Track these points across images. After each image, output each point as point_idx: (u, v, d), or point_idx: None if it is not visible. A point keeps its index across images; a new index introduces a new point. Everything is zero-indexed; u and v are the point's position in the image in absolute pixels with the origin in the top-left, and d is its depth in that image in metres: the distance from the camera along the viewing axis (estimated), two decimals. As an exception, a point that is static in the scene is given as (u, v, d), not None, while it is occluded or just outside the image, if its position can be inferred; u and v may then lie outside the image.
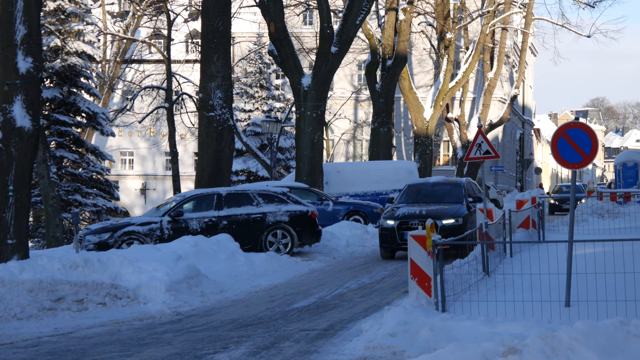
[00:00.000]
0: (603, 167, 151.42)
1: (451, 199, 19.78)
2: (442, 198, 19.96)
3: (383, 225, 19.08)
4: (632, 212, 24.64)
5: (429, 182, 21.01)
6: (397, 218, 18.89)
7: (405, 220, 18.79)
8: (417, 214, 18.86)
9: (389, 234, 18.88)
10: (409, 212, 19.01)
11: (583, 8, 45.88)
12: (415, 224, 18.43)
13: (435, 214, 18.52)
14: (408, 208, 19.31)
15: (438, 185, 20.69)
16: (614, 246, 11.58)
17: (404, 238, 18.22)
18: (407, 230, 17.94)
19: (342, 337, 11.09)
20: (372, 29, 40.34)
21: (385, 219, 19.06)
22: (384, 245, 19.23)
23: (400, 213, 19.04)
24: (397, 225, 18.78)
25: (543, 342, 7.75)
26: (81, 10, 37.91)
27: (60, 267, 14.29)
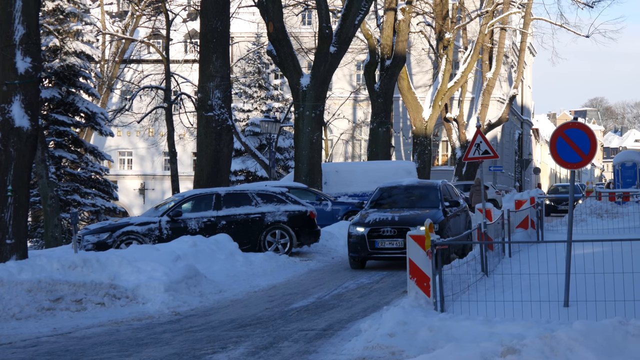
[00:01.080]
0: (602, 167, 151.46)
1: (426, 204, 18.36)
2: (416, 202, 18.55)
3: (352, 232, 17.56)
4: (631, 212, 24.65)
5: (402, 185, 19.38)
6: (367, 225, 17.45)
7: (376, 227, 17.33)
8: (389, 220, 17.44)
9: (358, 242, 17.41)
10: (380, 218, 17.57)
11: (582, 8, 45.96)
12: (387, 231, 17.17)
13: (409, 220, 17.11)
14: (379, 214, 17.85)
15: (412, 188, 19.23)
16: (613, 246, 11.58)
17: (375, 246, 17.21)
18: (379, 238, 17.16)
19: (341, 337, 11.09)
20: (371, 29, 40.33)
21: (355, 226, 17.60)
22: (353, 255, 17.74)
23: (370, 219, 17.58)
24: (367, 232, 17.31)
25: (542, 342, 7.75)
26: (80, 10, 37.90)
27: (59, 267, 14.29)
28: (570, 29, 48.20)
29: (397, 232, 16.96)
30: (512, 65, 64.65)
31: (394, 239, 17.02)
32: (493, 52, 51.56)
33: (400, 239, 16.75)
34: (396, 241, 17.00)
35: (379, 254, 17.35)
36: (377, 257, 17.54)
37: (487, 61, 51.61)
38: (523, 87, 72.02)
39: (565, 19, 61.94)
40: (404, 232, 15.24)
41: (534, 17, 52.02)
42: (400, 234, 16.68)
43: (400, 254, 16.61)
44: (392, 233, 17.04)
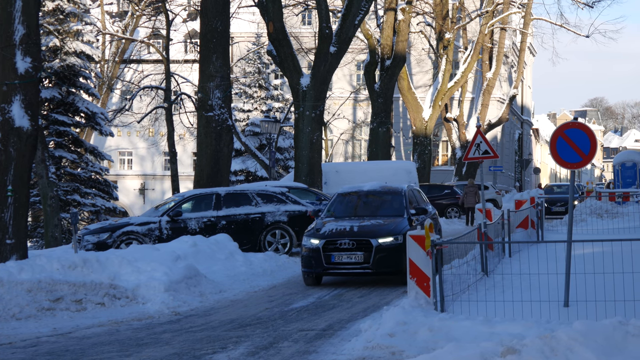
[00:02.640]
0: (602, 167, 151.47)
1: (390, 212, 16.38)
2: (378, 210, 16.54)
3: (305, 244, 15.60)
4: (631, 212, 24.66)
5: (362, 191, 17.22)
6: (322, 236, 15.41)
7: (333, 239, 15.34)
8: (347, 231, 15.41)
9: (312, 255, 15.40)
10: (337, 228, 15.54)
11: (582, 8, 45.99)
12: (345, 244, 15.18)
13: (370, 230, 15.36)
14: (336, 224, 15.79)
15: (374, 194, 17.08)
16: (613, 246, 11.58)
17: (331, 261, 15.23)
18: (335, 251, 15.23)
19: (341, 337, 11.09)
20: (371, 29, 40.33)
21: (308, 237, 15.62)
22: (306, 270, 15.69)
23: (326, 230, 15.56)
24: (322, 245, 15.31)
25: (542, 342, 7.75)
26: (80, 10, 37.89)
27: (59, 267, 14.29)
28: (570, 29, 48.25)
29: (356, 245, 15.16)
30: (512, 65, 64.65)
31: (353, 252, 15.15)
32: (493, 52, 51.56)
33: (360, 253, 15.11)
34: (355, 255, 15.14)
35: (336, 270, 15.39)
36: (334, 273, 15.61)
37: (487, 61, 51.62)
38: (523, 87, 72.02)
39: (565, 19, 62.05)
40: (364, 245, 14.95)
41: (534, 17, 52.03)
42: (360, 247, 15.13)
43: (359, 269, 15.12)
44: (351, 246, 15.16)
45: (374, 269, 14.94)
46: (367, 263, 14.87)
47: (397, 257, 14.75)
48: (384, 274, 15.15)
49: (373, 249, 14.97)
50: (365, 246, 14.94)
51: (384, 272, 15.07)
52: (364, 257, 14.93)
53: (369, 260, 14.92)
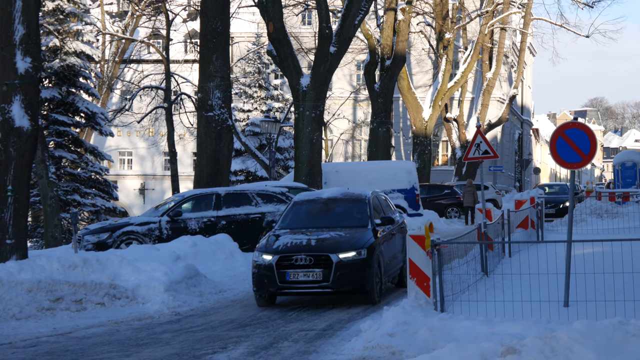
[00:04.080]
0: (602, 167, 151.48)
1: (352, 222, 14.48)
2: (339, 220, 14.63)
3: (257, 261, 13.66)
4: (631, 212, 24.65)
5: (321, 199, 15.22)
6: (276, 251, 13.49)
7: (288, 254, 13.41)
8: (304, 245, 13.53)
9: (264, 273, 13.46)
10: (292, 242, 13.68)
11: (582, 8, 46.00)
12: (302, 260, 13.30)
13: (329, 244, 13.52)
14: (292, 236, 13.93)
15: (334, 202, 15.09)
16: (613, 246, 11.58)
17: (286, 279, 13.33)
18: (291, 268, 13.33)
19: (341, 337, 11.10)
20: (371, 29, 40.34)
21: (260, 253, 13.70)
22: (258, 290, 13.69)
23: (280, 244, 13.64)
24: (276, 261, 13.38)
25: (542, 342, 7.75)
26: (80, 10, 37.89)
27: (59, 267, 14.29)
28: (570, 29, 48.25)
29: (313, 261, 13.27)
30: (512, 65, 64.65)
31: (310, 269, 13.28)
32: (493, 52, 51.57)
33: (318, 270, 13.23)
34: (313, 272, 13.26)
35: (292, 289, 13.51)
36: (289, 293, 13.74)
37: (487, 61, 51.62)
38: (523, 87, 72.02)
39: (565, 19, 62.05)
40: (323, 261, 13.22)
41: (534, 17, 52.04)
42: (318, 263, 13.25)
43: (318, 288, 13.30)
44: (308, 262, 13.27)
45: (335, 287, 13.17)
46: (326, 281, 13.14)
47: (360, 274, 13.24)
48: (346, 293, 13.48)
49: (333, 266, 13.17)
50: (325, 262, 13.21)
51: (346, 291, 13.41)
52: (323, 275, 13.16)
53: (329, 278, 13.14)
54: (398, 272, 15.18)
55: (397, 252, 15.07)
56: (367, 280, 13.24)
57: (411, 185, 31.48)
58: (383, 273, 13.85)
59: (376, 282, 13.51)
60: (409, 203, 31.23)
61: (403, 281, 14.89)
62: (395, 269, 15.01)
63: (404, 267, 14.65)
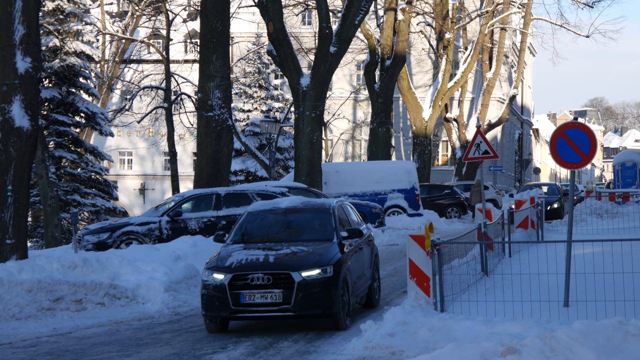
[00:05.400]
0: (602, 167, 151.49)
1: (315, 235, 12.69)
2: (301, 233, 12.82)
3: (207, 280, 11.76)
4: (631, 212, 24.65)
5: (279, 208, 13.32)
6: (229, 269, 11.61)
7: (242, 273, 11.52)
8: (261, 261, 11.67)
9: (215, 295, 11.59)
10: (248, 258, 11.78)
11: (582, 8, 45.99)
12: (259, 279, 11.42)
13: (290, 260, 11.71)
14: (247, 252, 12.04)
15: (295, 212, 13.25)
16: (613, 246, 11.58)
17: (240, 302, 11.43)
18: (246, 289, 11.41)
19: (341, 337, 11.10)
20: (371, 29, 40.34)
21: (211, 271, 11.80)
22: (209, 314, 11.76)
23: (234, 261, 11.76)
24: (228, 281, 11.50)
25: (542, 342, 7.75)
26: (80, 10, 37.88)
27: (59, 267, 14.30)
28: (570, 29, 48.26)
29: (272, 280, 11.41)
30: (512, 65, 64.66)
31: (269, 290, 11.39)
32: (493, 52, 51.57)
33: (278, 290, 11.36)
34: (271, 293, 11.37)
35: (247, 313, 11.58)
36: (244, 317, 11.79)
37: (487, 61, 51.63)
38: (523, 87, 72.02)
39: (565, 19, 62.05)
40: (283, 280, 11.39)
41: (534, 17, 52.05)
42: (277, 283, 11.40)
43: (277, 311, 11.40)
44: (266, 281, 11.40)
45: (297, 310, 11.32)
46: (287, 304, 11.28)
47: (327, 295, 11.40)
48: (310, 316, 11.61)
49: (295, 285, 11.33)
50: (285, 281, 11.36)
51: (310, 315, 11.55)
52: (283, 296, 11.29)
53: (290, 300, 11.28)
54: (366, 291, 13.34)
55: (365, 268, 13.29)
56: (334, 302, 11.40)
57: (411, 185, 31.49)
58: (351, 293, 12.03)
59: (344, 304, 11.66)
60: (409, 203, 31.24)
61: (372, 301, 13.58)
62: (363, 287, 13.10)
63: (372, 286, 13.59)
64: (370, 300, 13.57)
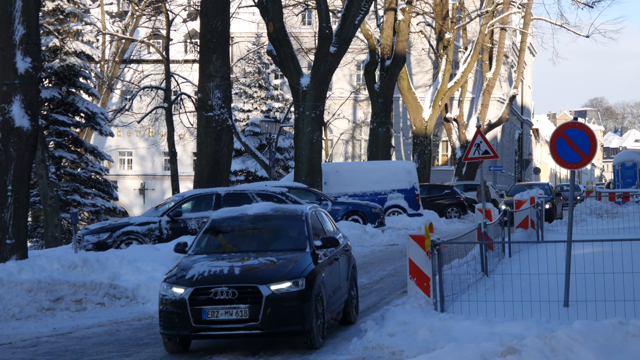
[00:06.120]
0: (602, 167, 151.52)
1: (286, 244, 11.48)
2: (270, 242, 11.62)
3: (165, 295, 10.50)
4: (631, 212, 24.66)
5: (247, 215, 12.04)
6: (190, 282, 10.37)
7: (205, 286, 10.28)
8: (226, 273, 10.39)
9: (174, 311, 10.35)
10: (211, 270, 10.51)
11: (582, 8, 46.02)
12: (223, 293, 10.17)
13: (258, 272, 10.47)
14: (210, 263, 10.75)
15: (264, 219, 11.96)
16: (613, 246, 11.59)
17: (202, 318, 10.19)
18: (208, 304, 10.20)
19: (341, 337, 11.10)
20: (371, 29, 40.34)
21: (170, 285, 10.51)
22: (168, 332, 10.48)
23: (195, 273, 10.49)
24: (189, 295, 10.27)
25: (542, 342, 7.75)
26: (80, 10, 37.89)
27: (59, 267, 14.30)
28: (570, 29, 48.27)
29: (238, 295, 10.18)
30: (512, 65, 64.67)
31: (234, 305, 10.19)
32: (493, 52, 51.58)
33: (244, 306, 10.14)
34: (237, 309, 10.16)
35: (209, 331, 10.32)
36: (207, 336, 10.50)
37: (487, 61, 51.63)
38: (523, 87, 72.03)
39: (565, 19, 62.07)
40: (249, 294, 10.18)
41: (534, 17, 52.06)
42: (244, 297, 10.17)
43: (244, 329, 10.16)
44: (231, 296, 10.17)
45: (265, 328, 10.10)
46: (254, 320, 10.08)
47: (298, 311, 10.20)
48: (280, 334, 10.34)
49: (263, 300, 10.13)
50: (252, 296, 10.17)
51: (281, 332, 10.29)
52: (250, 312, 10.09)
53: (257, 317, 10.08)
54: (342, 306, 11.98)
55: (341, 281, 11.98)
56: (307, 318, 10.17)
57: (411, 185, 31.50)
58: (326, 308, 10.75)
59: (318, 320, 10.45)
60: (409, 203, 31.24)
61: (349, 317, 12.21)
62: (340, 302, 11.76)
63: (350, 300, 12.18)
64: (347, 315, 12.23)
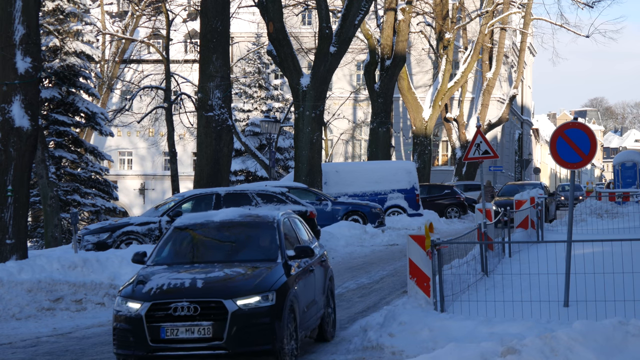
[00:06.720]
0: (602, 167, 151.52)
1: (255, 254, 10.42)
2: (238, 252, 10.55)
3: (119, 310, 9.53)
4: (631, 212, 24.64)
5: (212, 222, 10.91)
6: (147, 296, 9.39)
7: (164, 301, 9.31)
8: (187, 287, 9.41)
9: (129, 328, 9.38)
10: (170, 283, 9.52)
11: (582, 8, 46.03)
12: (184, 308, 9.17)
13: (223, 285, 9.46)
14: (170, 275, 9.73)
15: (231, 227, 10.87)
16: (613, 246, 11.58)
17: (160, 337, 9.21)
18: (167, 321, 9.21)
19: (341, 337, 11.10)
20: (371, 29, 40.34)
21: (125, 299, 9.55)
22: (122, 352, 9.52)
23: (153, 286, 9.49)
24: (146, 311, 9.29)
25: (542, 342, 7.75)
26: (80, 10, 37.88)
27: (59, 267, 14.30)
28: (570, 29, 48.29)
29: (200, 310, 9.19)
30: (512, 65, 64.67)
31: (196, 322, 9.19)
32: (493, 52, 51.58)
33: (207, 323, 9.17)
34: (199, 327, 9.17)
35: (169, 351, 9.30)
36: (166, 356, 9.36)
37: (487, 61, 51.64)
38: (523, 87, 72.03)
39: (565, 19, 62.13)
40: (214, 310, 9.21)
41: (534, 17, 52.07)
42: (207, 314, 9.20)
43: (207, 349, 9.23)
44: (192, 312, 9.19)
45: (231, 347, 9.15)
46: (218, 339, 9.11)
47: (268, 329, 9.25)
48: (247, 355, 9.32)
49: (228, 316, 9.16)
50: (216, 312, 9.20)
51: (248, 352, 9.30)
52: (214, 330, 9.14)
53: (222, 335, 9.11)
54: (318, 322, 10.94)
55: (317, 294, 10.92)
56: (278, 337, 9.23)
57: (411, 185, 31.50)
58: (299, 325, 9.76)
59: (290, 339, 9.50)
60: (409, 203, 31.25)
61: (325, 334, 11.18)
62: (315, 317, 10.73)
63: (326, 316, 11.16)
64: (323, 332, 11.17)
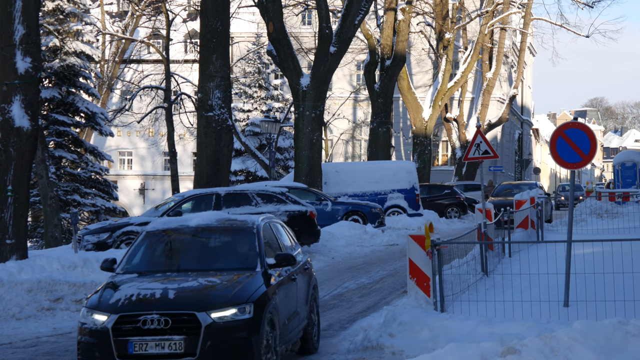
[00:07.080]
0: (602, 167, 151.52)
1: (233, 262, 9.70)
2: (214, 260, 9.81)
3: (85, 323, 8.87)
4: (631, 212, 24.64)
5: (188, 227, 10.18)
6: (114, 308, 8.69)
7: (132, 313, 8.60)
8: (158, 297, 8.69)
9: (95, 343, 8.73)
10: (140, 293, 8.81)
11: (582, 8, 46.04)
12: (154, 322, 8.46)
13: (196, 296, 8.77)
14: (140, 285, 9.04)
15: (208, 232, 10.14)
16: (613, 246, 11.59)
17: (128, 352, 8.51)
18: (136, 334, 8.52)
19: (341, 337, 11.10)
20: (371, 29, 40.34)
21: (91, 310, 8.89)
22: None
23: (121, 297, 8.80)
24: (113, 324, 8.60)
25: (542, 342, 7.75)
26: (80, 10, 37.88)
27: (59, 267, 14.30)
28: (570, 29, 48.29)
29: (171, 323, 8.47)
30: (512, 65, 64.67)
31: (166, 336, 8.48)
32: (493, 52, 51.59)
33: (179, 337, 8.46)
34: (170, 341, 8.46)
35: None
36: None
37: (487, 61, 51.64)
38: (523, 87, 72.04)
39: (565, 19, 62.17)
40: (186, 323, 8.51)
41: (534, 17, 52.08)
42: (178, 327, 8.50)
43: None
44: (163, 325, 8.48)
45: None
46: (190, 355, 8.41)
47: (244, 344, 8.55)
48: None
49: (202, 330, 8.45)
50: (188, 325, 8.49)
51: None
52: (186, 345, 8.44)
53: (195, 351, 8.41)
54: (301, 334, 10.32)
55: (299, 305, 10.28)
56: (255, 352, 8.54)
57: (411, 185, 31.50)
58: (279, 339, 9.11)
59: (269, 354, 8.81)
60: (409, 203, 31.25)
61: (308, 346, 10.58)
62: (297, 330, 10.09)
63: (309, 327, 10.55)
64: (306, 344, 10.56)
